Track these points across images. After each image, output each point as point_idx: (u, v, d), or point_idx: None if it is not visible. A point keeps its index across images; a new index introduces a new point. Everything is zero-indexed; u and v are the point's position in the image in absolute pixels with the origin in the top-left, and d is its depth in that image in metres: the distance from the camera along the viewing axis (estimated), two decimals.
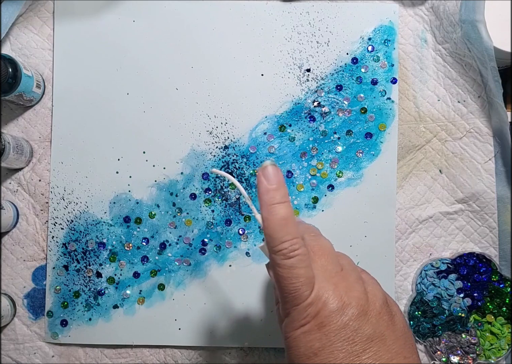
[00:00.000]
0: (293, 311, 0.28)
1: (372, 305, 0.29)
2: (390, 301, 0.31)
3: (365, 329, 0.28)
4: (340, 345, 0.27)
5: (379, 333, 0.28)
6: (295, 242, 0.28)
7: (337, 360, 0.27)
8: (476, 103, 0.51)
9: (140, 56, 0.51)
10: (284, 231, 0.28)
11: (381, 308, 0.29)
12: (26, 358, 0.50)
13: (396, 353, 0.28)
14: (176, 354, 0.50)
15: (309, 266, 0.28)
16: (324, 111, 0.51)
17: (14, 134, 0.51)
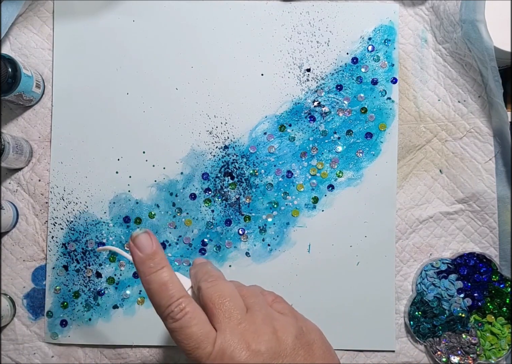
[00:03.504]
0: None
1: (284, 344, 0.27)
2: (306, 329, 0.29)
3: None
4: None
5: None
6: (180, 302, 0.28)
7: None
8: (477, 103, 0.51)
9: (140, 56, 0.51)
10: (167, 296, 0.28)
11: (294, 343, 0.28)
12: (26, 359, 0.50)
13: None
14: (176, 354, 0.50)
15: (202, 322, 0.27)
16: (324, 111, 0.51)
17: (13, 134, 0.50)
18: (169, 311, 0.27)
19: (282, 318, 0.29)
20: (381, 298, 0.50)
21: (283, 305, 0.31)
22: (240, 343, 0.27)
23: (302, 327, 0.29)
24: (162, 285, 0.28)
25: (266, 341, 0.27)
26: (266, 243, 0.50)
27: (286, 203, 0.50)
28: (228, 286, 0.30)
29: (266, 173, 0.50)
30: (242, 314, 0.28)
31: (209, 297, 0.28)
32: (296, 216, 0.50)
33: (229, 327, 0.27)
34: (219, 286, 0.29)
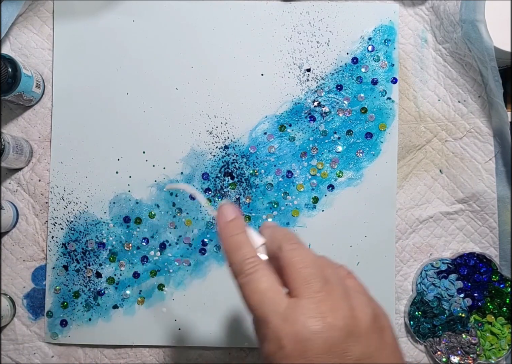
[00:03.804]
0: (267, 331, 0.26)
1: (360, 323, 0.26)
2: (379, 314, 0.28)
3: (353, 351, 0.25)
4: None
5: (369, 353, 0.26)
6: (252, 260, 0.28)
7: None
8: (477, 103, 0.51)
9: (140, 56, 0.51)
10: (241, 254, 0.28)
11: (369, 325, 0.26)
12: (26, 358, 0.50)
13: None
14: (176, 354, 0.50)
15: (272, 280, 0.27)
16: (324, 111, 0.51)
17: (13, 134, 0.50)
18: (240, 267, 0.28)
19: (358, 296, 0.28)
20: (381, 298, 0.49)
21: (357, 283, 0.30)
22: (315, 312, 0.25)
23: (376, 310, 0.28)
24: (238, 245, 0.29)
25: (343, 317, 0.26)
26: None
27: (286, 203, 0.50)
28: (310, 252, 0.29)
29: (266, 173, 0.50)
30: (321, 284, 0.27)
31: (290, 260, 0.28)
32: (296, 216, 0.50)
33: (306, 293, 0.26)
34: (301, 251, 0.29)
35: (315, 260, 0.28)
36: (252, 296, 0.27)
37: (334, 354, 0.25)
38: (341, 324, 0.25)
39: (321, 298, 0.26)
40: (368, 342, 0.26)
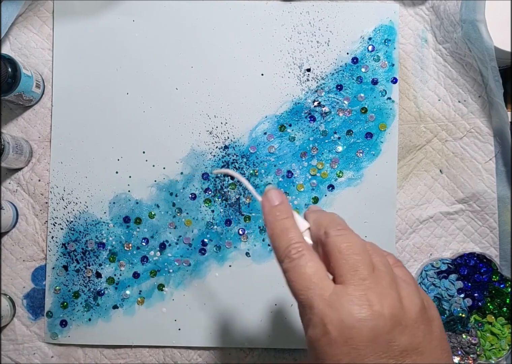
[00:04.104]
0: (313, 317, 0.26)
1: (408, 314, 0.25)
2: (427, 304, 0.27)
3: (399, 341, 0.25)
4: (371, 360, 0.24)
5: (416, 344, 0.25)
6: (298, 245, 0.28)
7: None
8: (477, 103, 0.51)
9: (140, 56, 0.51)
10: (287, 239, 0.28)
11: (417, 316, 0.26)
12: (26, 359, 0.50)
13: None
14: (176, 354, 0.50)
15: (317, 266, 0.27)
16: (324, 111, 0.51)
17: (13, 134, 0.50)
18: (286, 252, 0.28)
19: (407, 286, 0.27)
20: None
21: (404, 271, 0.29)
22: (362, 300, 0.25)
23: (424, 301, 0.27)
24: (284, 230, 0.29)
25: (390, 306, 0.25)
26: (266, 243, 0.50)
27: None
28: (358, 238, 0.28)
29: (266, 173, 0.50)
30: (368, 271, 0.26)
31: (337, 246, 0.27)
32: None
33: (353, 280, 0.26)
34: (349, 237, 0.28)
35: (363, 247, 0.28)
36: (297, 281, 0.27)
37: (380, 344, 0.24)
38: (388, 313, 0.25)
39: (368, 285, 0.26)
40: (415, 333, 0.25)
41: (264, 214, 0.31)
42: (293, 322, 0.49)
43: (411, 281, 0.28)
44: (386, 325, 0.25)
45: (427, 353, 0.25)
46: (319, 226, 0.29)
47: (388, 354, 0.24)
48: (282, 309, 0.49)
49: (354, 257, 0.27)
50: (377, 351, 0.24)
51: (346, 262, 0.26)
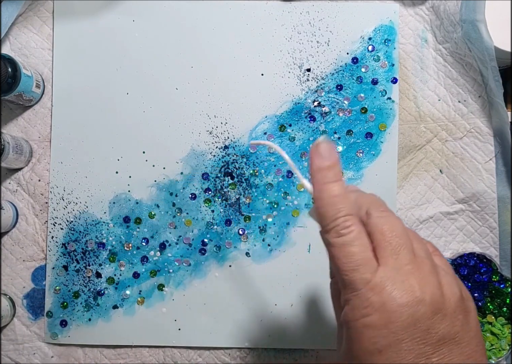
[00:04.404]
0: (353, 298, 0.26)
1: (448, 302, 0.25)
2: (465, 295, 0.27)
3: (438, 329, 0.25)
4: (409, 345, 0.24)
5: (453, 333, 0.25)
6: (347, 218, 0.26)
7: (404, 361, 0.24)
8: (477, 103, 0.51)
9: (140, 56, 0.51)
10: (335, 209, 0.27)
11: (456, 305, 0.26)
12: (26, 359, 0.50)
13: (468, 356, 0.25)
14: (176, 354, 0.50)
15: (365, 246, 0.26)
16: (324, 111, 0.51)
17: (13, 134, 0.50)
18: (334, 224, 0.26)
19: (446, 274, 0.27)
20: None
21: (443, 260, 0.29)
22: (403, 285, 0.25)
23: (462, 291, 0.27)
24: (334, 197, 0.27)
25: (431, 293, 0.25)
26: (266, 243, 0.50)
27: (286, 203, 0.50)
28: (400, 222, 0.28)
29: (266, 173, 0.50)
30: (410, 256, 0.26)
31: (380, 227, 0.27)
32: (296, 216, 0.50)
33: (395, 264, 0.26)
34: (392, 219, 0.27)
35: (405, 231, 0.27)
36: (343, 261, 0.26)
37: (419, 330, 0.25)
38: (429, 299, 0.25)
39: (410, 270, 0.26)
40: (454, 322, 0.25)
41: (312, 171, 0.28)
42: (293, 322, 0.49)
43: (450, 270, 0.28)
44: (427, 311, 0.25)
45: (463, 344, 0.25)
46: (361, 205, 0.28)
47: (426, 340, 0.25)
48: (282, 309, 0.49)
49: (396, 240, 0.26)
50: (415, 337, 0.24)
51: (388, 244, 0.26)
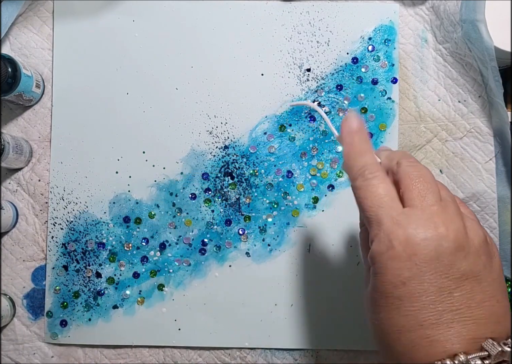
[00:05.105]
0: (379, 233, 0.27)
1: (471, 242, 0.27)
2: (490, 241, 0.28)
3: (460, 265, 0.26)
4: (431, 278, 0.25)
5: (475, 272, 0.26)
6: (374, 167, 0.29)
7: (427, 292, 0.25)
8: (477, 103, 0.51)
9: (140, 56, 0.51)
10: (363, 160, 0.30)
11: (480, 246, 0.27)
12: (26, 359, 0.50)
13: (490, 295, 0.26)
14: (176, 354, 0.50)
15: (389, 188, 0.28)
16: (325, 111, 0.51)
17: (13, 134, 0.50)
18: (361, 171, 0.29)
19: (472, 219, 0.29)
20: None
21: (470, 211, 0.31)
22: (428, 222, 0.26)
23: (487, 237, 0.28)
24: (362, 152, 0.30)
25: (455, 230, 0.26)
26: (266, 243, 0.50)
27: (286, 203, 0.50)
28: (427, 170, 0.30)
29: (266, 173, 0.50)
30: (436, 199, 0.28)
31: (408, 173, 0.29)
32: (296, 216, 0.50)
33: (421, 204, 0.27)
34: (420, 167, 0.29)
35: (432, 178, 0.29)
36: (369, 199, 0.28)
37: (441, 263, 0.26)
38: (452, 236, 0.26)
39: (436, 211, 0.27)
40: (476, 261, 0.26)
41: (343, 134, 0.31)
42: (293, 322, 0.49)
43: (476, 219, 0.30)
44: (449, 247, 0.26)
45: (485, 283, 0.26)
46: (392, 159, 0.31)
47: (448, 275, 0.26)
48: (282, 309, 0.49)
49: (423, 183, 0.28)
50: (438, 270, 0.26)
51: (415, 187, 0.28)
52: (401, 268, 0.26)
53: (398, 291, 0.26)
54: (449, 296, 0.25)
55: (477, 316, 0.25)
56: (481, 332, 0.25)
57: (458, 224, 0.27)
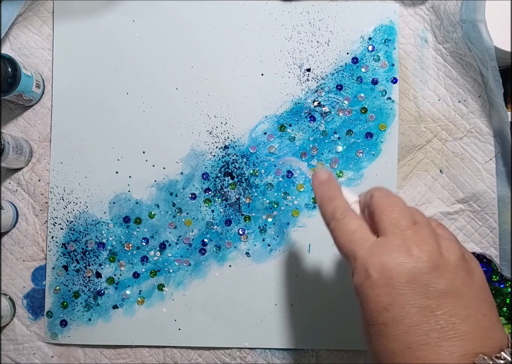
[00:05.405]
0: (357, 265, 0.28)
1: (447, 260, 0.27)
2: (468, 257, 0.29)
3: (437, 284, 0.26)
4: (411, 300, 0.26)
5: (455, 288, 0.26)
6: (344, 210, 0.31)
7: (409, 315, 0.26)
8: (477, 103, 0.51)
9: (140, 56, 0.51)
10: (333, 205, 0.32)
11: (456, 263, 0.27)
12: (26, 359, 0.50)
13: (473, 310, 0.26)
14: (176, 354, 0.50)
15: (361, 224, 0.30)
16: (324, 111, 0.51)
17: (13, 134, 0.50)
18: (333, 214, 0.31)
19: (447, 238, 0.29)
20: None
21: (446, 231, 0.31)
22: (401, 246, 0.27)
23: (465, 254, 0.29)
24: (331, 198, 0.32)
25: (428, 251, 0.27)
26: (266, 243, 0.50)
27: (286, 203, 0.50)
28: (398, 199, 0.31)
29: (266, 173, 0.50)
30: (409, 224, 0.28)
31: (380, 204, 0.30)
32: (296, 216, 0.50)
33: (393, 231, 0.28)
34: (392, 198, 0.30)
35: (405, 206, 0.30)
36: (342, 237, 0.30)
37: (418, 284, 0.26)
38: (426, 257, 0.27)
39: (409, 235, 0.28)
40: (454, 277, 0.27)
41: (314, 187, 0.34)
42: (293, 322, 0.49)
43: (453, 238, 0.30)
44: (424, 267, 0.26)
45: (467, 299, 0.26)
46: (366, 194, 0.32)
47: (427, 294, 0.26)
48: (282, 309, 0.49)
49: (395, 211, 0.29)
50: (416, 291, 0.26)
51: (388, 216, 0.29)
52: (381, 295, 0.27)
53: (382, 317, 0.27)
54: (432, 315, 0.26)
55: (464, 332, 0.25)
56: (471, 348, 0.25)
57: (432, 245, 0.27)
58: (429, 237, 0.28)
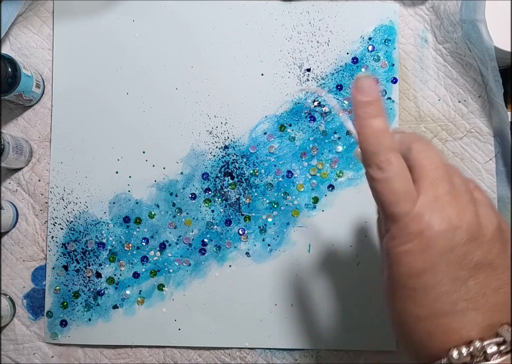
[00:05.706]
0: (393, 228, 0.27)
1: (485, 230, 0.26)
2: (504, 227, 0.28)
3: (474, 255, 0.26)
4: (445, 269, 0.26)
5: (490, 260, 0.26)
6: (390, 155, 0.27)
7: (441, 283, 0.26)
8: (477, 103, 0.51)
9: (140, 56, 0.51)
10: (378, 144, 0.28)
11: (494, 234, 0.27)
12: (26, 359, 0.50)
13: (505, 282, 0.26)
14: (176, 354, 0.50)
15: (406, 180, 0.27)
16: (324, 111, 0.51)
17: (13, 134, 0.50)
18: (376, 159, 0.27)
19: (485, 204, 0.28)
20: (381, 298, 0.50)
21: (484, 196, 0.30)
22: (441, 214, 0.26)
23: (502, 223, 0.28)
24: (376, 132, 0.28)
25: (468, 221, 0.26)
26: (266, 243, 0.50)
27: (286, 203, 0.50)
28: (441, 156, 0.28)
29: (266, 173, 0.50)
30: (449, 188, 0.27)
31: (420, 160, 0.28)
32: (296, 216, 0.50)
33: (434, 194, 0.27)
34: (431, 153, 0.28)
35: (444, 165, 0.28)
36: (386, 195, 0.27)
37: (455, 255, 0.26)
38: (465, 227, 0.26)
39: (448, 200, 0.27)
40: (490, 249, 0.26)
41: (354, 106, 0.29)
42: (293, 322, 0.49)
43: (489, 204, 0.29)
44: (463, 238, 0.26)
45: (500, 270, 0.26)
46: (404, 142, 0.29)
47: (462, 265, 0.26)
48: (282, 309, 0.49)
49: (435, 172, 0.27)
50: (452, 262, 0.26)
51: (427, 177, 0.27)
52: (415, 261, 0.26)
53: (413, 282, 0.26)
54: (464, 285, 0.26)
55: (493, 303, 0.25)
56: (497, 319, 0.25)
57: (471, 214, 0.27)
58: (468, 204, 0.27)
